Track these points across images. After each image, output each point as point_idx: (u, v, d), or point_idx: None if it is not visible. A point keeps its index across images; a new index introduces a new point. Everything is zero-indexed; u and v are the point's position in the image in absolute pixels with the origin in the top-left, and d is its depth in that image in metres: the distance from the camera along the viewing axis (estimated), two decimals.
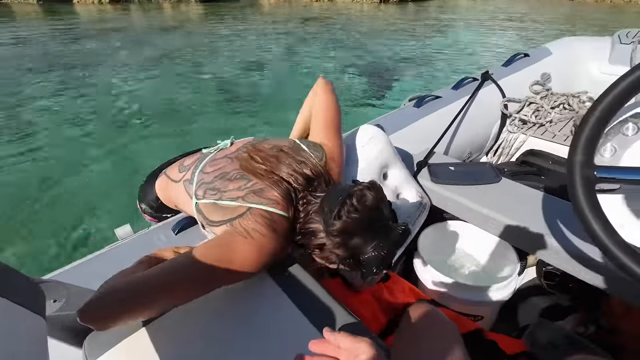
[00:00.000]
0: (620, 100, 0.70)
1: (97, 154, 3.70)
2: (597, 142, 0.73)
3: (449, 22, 12.44)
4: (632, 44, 1.82)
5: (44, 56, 7.26)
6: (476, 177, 1.17)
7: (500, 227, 1.05)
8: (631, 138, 0.89)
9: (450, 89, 1.68)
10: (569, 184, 0.71)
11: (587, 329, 1.04)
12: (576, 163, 0.71)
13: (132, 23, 11.47)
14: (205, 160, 0.89)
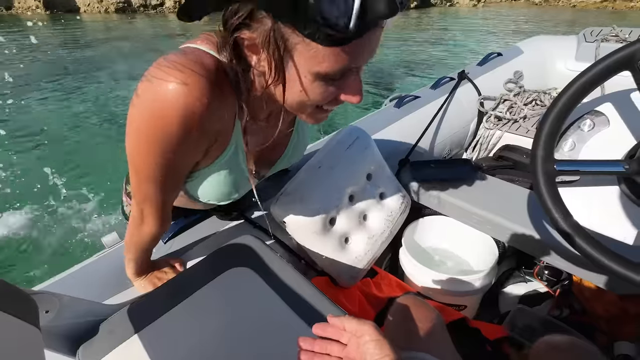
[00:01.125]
0: (574, 99, 0.77)
1: (100, 157, 3.79)
2: (556, 138, 0.79)
3: (449, 27, 12.72)
4: (596, 42, 1.92)
5: (50, 63, 7.31)
6: (455, 173, 1.23)
7: (479, 220, 1.11)
8: (588, 133, 0.97)
9: (429, 88, 1.74)
10: (533, 177, 0.78)
11: (561, 312, 1.11)
12: (538, 157, 0.78)
13: (137, 31, 11.54)
14: None
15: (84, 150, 3.97)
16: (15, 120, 4.72)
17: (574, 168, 0.80)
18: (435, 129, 1.56)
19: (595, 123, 0.95)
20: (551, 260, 0.99)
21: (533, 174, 0.78)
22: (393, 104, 1.60)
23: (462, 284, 1.09)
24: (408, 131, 1.47)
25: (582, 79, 0.76)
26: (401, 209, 1.19)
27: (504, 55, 2.03)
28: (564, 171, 0.78)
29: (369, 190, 1.12)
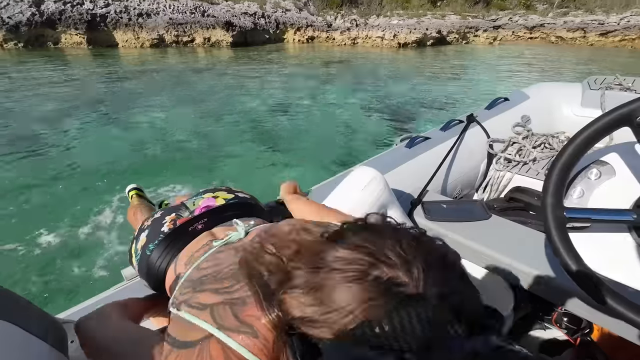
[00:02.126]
0: (579, 151, 0.81)
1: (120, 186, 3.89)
2: (564, 187, 0.81)
3: (465, 66, 13.12)
4: (601, 89, 2.01)
5: (90, 94, 7.86)
6: (468, 214, 1.22)
7: (493, 263, 1.09)
8: (595, 182, 0.99)
9: (439, 130, 1.79)
10: (544, 224, 0.79)
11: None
12: (548, 205, 0.79)
13: (169, 65, 12.26)
14: (208, 253, 0.70)
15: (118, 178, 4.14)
16: (58, 146, 5.04)
17: (584, 216, 0.82)
18: (446, 170, 1.58)
19: (601, 172, 0.97)
20: (570, 306, 0.96)
21: (544, 220, 0.80)
22: (404, 144, 1.63)
23: None
24: (419, 171, 1.49)
25: (585, 132, 0.79)
26: None
27: (511, 99, 2.11)
28: (574, 218, 0.80)
29: None
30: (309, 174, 4.33)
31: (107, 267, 2.71)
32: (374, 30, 20.04)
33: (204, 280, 0.57)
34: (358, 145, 5.20)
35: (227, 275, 0.55)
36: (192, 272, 0.65)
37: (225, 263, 0.60)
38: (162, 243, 0.83)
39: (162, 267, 0.81)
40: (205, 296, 0.53)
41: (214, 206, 0.91)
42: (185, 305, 0.54)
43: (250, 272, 0.50)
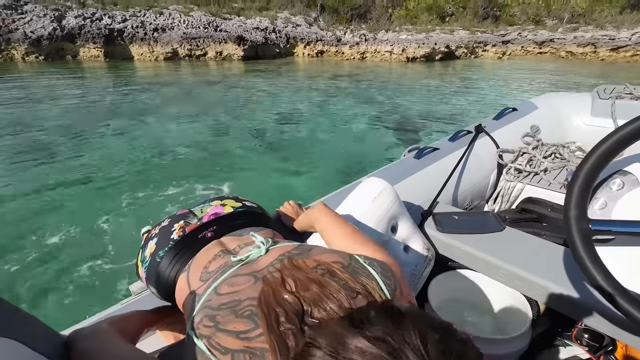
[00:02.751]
0: (603, 160, 0.77)
1: (147, 194, 4.12)
2: (588, 197, 0.78)
3: (473, 79, 13.15)
4: (610, 99, 1.98)
5: (106, 105, 8.24)
6: (481, 226, 1.19)
7: (508, 275, 1.05)
8: (618, 192, 0.95)
9: (447, 140, 1.77)
10: (568, 237, 0.75)
11: None
12: (572, 217, 0.76)
13: (182, 78, 12.74)
14: (227, 273, 0.67)
15: (132, 187, 4.27)
16: (75, 155, 5.24)
17: (610, 228, 0.78)
18: (456, 181, 1.55)
19: (624, 182, 0.94)
20: (591, 322, 0.92)
21: (567, 233, 0.76)
22: (412, 155, 1.62)
23: (495, 346, 1.01)
24: (429, 182, 1.47)
25: (609, 140, 0.76)
26: (426, 262, 1.15)
27: (519, 110, 2.09)
28: (600, 231, 0.76)
29: (394, 243, 1.09)
30: (316, 184, 4.34)
31: (115, 279, 2.72)
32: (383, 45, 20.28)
33: (225, 315, 0.56)
34: (365, 156, 5.22)
35: (246, 312, 0.55)
36: (211, 296, 0.62)
37: (244, 294, 0.59)
38: (172, 250, 0.82)
39: (172, 275, 0.80)
40: (227, 339, 0.53)
41: (222, 214, 0.90)
42: (206, 340, 0.54)
43: (268, 317, 0.50)
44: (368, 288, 0.55)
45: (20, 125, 6.42)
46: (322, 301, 0.51)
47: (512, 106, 2.13)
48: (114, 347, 0.60)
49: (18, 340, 0.44)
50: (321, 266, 0.58)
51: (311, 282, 0.53)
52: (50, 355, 0.49)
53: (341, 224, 0.82)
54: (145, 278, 0.86)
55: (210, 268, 0.73)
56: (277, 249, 0.71)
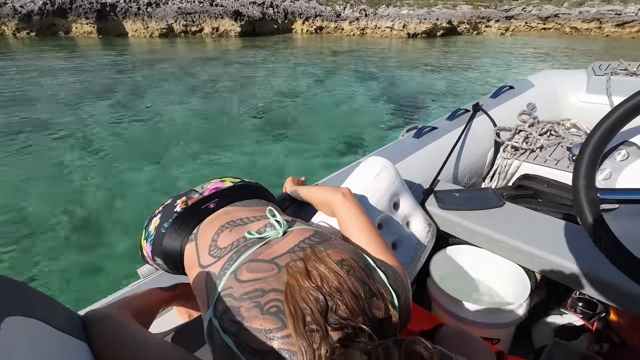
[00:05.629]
0: (612, 131, 0.79)
1: (142, 173, 4.09)
2: (596, 167, 0.80)
3: (474, 56, 12.86)
4: (606, 75, 1.98)
5: (100, 83, 8.07)
6: (481, 202, 1.23)
7: (508, 249, 1.10)
8: (622, 163, 0.98)
9: (445, 119, 1.78)
10: (576, 205, 0.78)
11: (601, 347, 1.07)
12: (581, 187, 0.78)
13: (178, 55, 12.44)
14: (244, 255, 0.66)
15: (127, 167, 4.25)
16: (67, 133, 5.19)
17: (617, 196, 0.80)
18: (455, 159, 1.58)
19: (629, 153, 0.96)
20: (586, 290, 0.97)
21: (576, 202, 0.79)
22: (411, 134, 1.64)
23: (495, 316, 1.06)
24: (428, 161, 1.50)
25: (617, 112, 0.78)
26: (428, 237, 1.19)
27: (516, 88, 2.10)
28: (608, 199, 0.79)
29: (396, 219, 1.13)
30: (316, 163, 4.35)
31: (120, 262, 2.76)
32: (383, 20, 19.78)
33: (250, 309, 0.56)
34: (365, 134, 5.21)
35: (273, 309, 0.55)
36: (231, 282, 0.61)
37: (268, 284, 0.58)
38: (176, 221, 0.84)
39: (178, 244, 0.81)
40: (255, 339, 0.53)
41: (223, 187, 0.92)
42: (234, 338, 0.54)
43: (296, 318, 0.51)
44: (382, 292, 0.59)
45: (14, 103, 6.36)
46: (345, 300, 0.53)
47: (509, 84, 2.14)
48: (130, 331, 0.61)
49: (41, 320, 0.44)
50: (345, 262, 0.60)
51: (336, 278, 0.55)
52: (71, 334, 0.51)
53: (364, 219, 0.81)
54: (151, 252, 0.87)
55: (221, 243, 0.73)
56: (295, 233, 0.71)
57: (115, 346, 0.55)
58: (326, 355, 0.48)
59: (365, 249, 0.72)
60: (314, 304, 0.52)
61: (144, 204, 3.46)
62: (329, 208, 0.91)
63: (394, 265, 0.69)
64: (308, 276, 0.56)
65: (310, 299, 0.53)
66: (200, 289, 0.67)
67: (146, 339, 0.59)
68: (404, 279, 0.67)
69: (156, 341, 0.60)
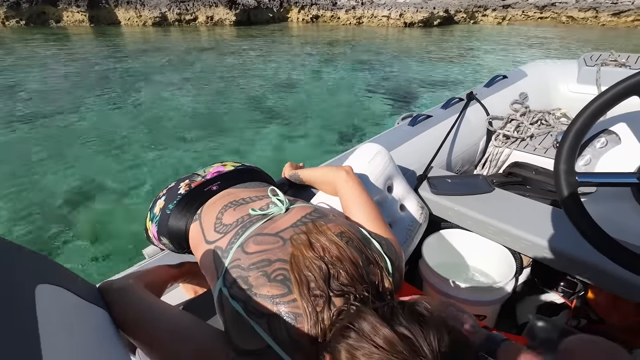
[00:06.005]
0: (591, 119, 0.85)
1: (138, 161, 4.11)
2: (576, 154, 0.86)
3: (470, 46, 12.79)
4: (596, 66, 2.03)
5: (92, 73, 7.94)
6: (472, 188, 1.29)
7: (496, 232, 1.16)
8: (601, 150, 1.04)
9: (440, 108, 1.83)
10: (557, 188, 0.84)
11: (579, 322, 1.14)
12: (561, 171, 0.84)
13: (172, 44, 12.23)
14: (250, 230, 0.69)
15: (124, 155, 4.26)
16: (60, 124, 5.13)
17: (593, 180, 0.86)
18: (449, 147, 1.63)
19: (608, 140, 1.02)
20: (568, 270, 1.04)
21: (557, 185, 0.85)
22: (407, 122, 1.68)
23: (482, 294, 1.13)
24: (423, 148, 1.55)
25: (597, 102, 0.83)
26: (421, 220, 1.25)
27: (509, 77, 2.14)
28: (585, 182, 0.85)
29: (391, 201, 1.18)
30: (312, 151, 4.39)
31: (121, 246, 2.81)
32: (380, 9, 19.57)
33: (257, 277, 0.59)
34: (361, 122, 5.24)
35: (279, 277, 0.59)
36: (239, 254, 0.65)
37: (274, 255, 0.62)
38: (180, 202, 0.87)
39: (183, 224, 0.85)
40: (262, 304, 0.57)
41: (225, 171, 0.96)
42: (242, 304, 0.58)
43: (301, 284, 0.56)
44: (378, 260, 0.65)
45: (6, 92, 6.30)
46: (346, 268, 0.58)
47: (503, 73, 2.18)
48: (146, 300, 0.64)
49: (66, 288, 0.47)
50: (344, 234, 0.65)
51: (336, 248, 0.60)
52: (93, 302, 0.54)
53: (365, 196, 0.86)
54: (157, 233, 0.91)
55: (225, 220, 0.76)
56: (297, 209, 0.75)
57: (134, 313, 0.59)
58: (330, 317, 0.54)
59: (364, 223, 0.78)
60: (318, 272, 0.57)
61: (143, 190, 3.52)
62: (331, 186, 0.96)
63: (389, 237, 0.75)
64: (311, 247, 0.61)
65: (313, 267, 0.58)
66: (208, 262, 0.71)
67: (163, 307, 0.63)
68: (397, 248, 0.73)
69: (173, 310, 0.64)
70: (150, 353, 0.58)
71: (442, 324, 0.48)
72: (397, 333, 0.46)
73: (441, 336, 0.46)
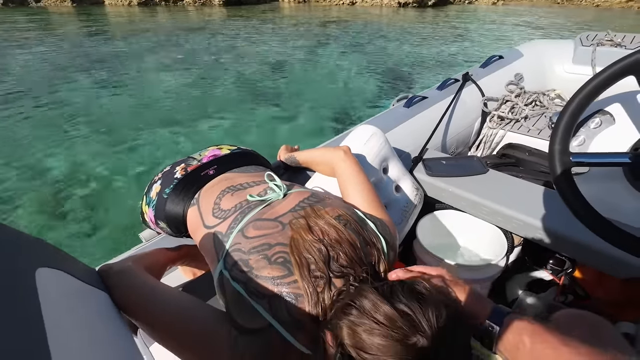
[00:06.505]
0: (586, 100, 0.86)
1: (128, 144, 4.05)
2: (570, 134, 0.87)
3: (465, 27, 12.58)
4: (592, 46, 2.02)
5: (76, 55, 7.68)
6: (466, 169, 1.30)
7: (489, 213, 1.18)
8: (595, 130, 1.05)
9: (435, 89, 1.82)
10: (551, 168, 0.86)
11: (566, 298, 1.19)
12: (556, 151, 0.85)
13: (158, 24, 11.93)
14: (249, 215, 0.70)
15: (113, 137, 4.20)
16: (46, 106, 5.03)
17: (587, 160, 0.88)
18: (444, 129, 1.64)
19: (602, 121, 1.03)
20: (557, 248, 1.07)
21: (551, 165, 0.86)
22: (402, 104, 1.68)
23: (474, 272, 1.16)
24: (418, 130, 1.55)
25: (592, 83, 0.84)
26: (416, 201, 1.26)
27: (505, 57, 2.13)
28: (579, 162, 0.86)
29: (386, 183, 1.19)
30: (306, 134, 4.36)
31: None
32: None
33: (258, 260, 0.61)
34: (356, 104, 5.20)
35: (279, 259, 0.60)
36: (239, 238, 0.66)
37: (274, 239, 0.63)
38: (177, 186, 0.87)
39: (180, 208, 0.85)
40: (263, 285, 0.58)
41: (221, 155, 0.96)
42: (244, 285, 0.59)
43: (301, 265, 0.58)
44: (374, 240, 0.66)
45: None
46: (345, 249, 0.60)
47: (499, 53, 2.17)
48: (147, 282, 0.64)
49: (65, 271, 0.46)
50: (342, 217, 0.66)
51: (335, 231, 0.62)
52: (93, 285, 0.54)
53: (362, 176, 0.87)
54: (154, 217, 0.91)
55: (224, 205, 0.76)
56: (294, 194, 0.76)
57: (136, 296, 0.60)
58: (330, 297, 0.56)
59: (361, 203, 0.79)
60: (317, 254, 0.59)
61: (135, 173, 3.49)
62: (329, 166, 0.96)
63: (384, 218, 0.76)
64: (310, 231, 0.62)
65: (313, 250, 0.59)
66: (209, 246, 0.71)
67: (164, 289, 0.64)
68: (392, 229, 0.75)
69: (174, 291, 0.65)
70: (153, 333, 0.59)
71: (440, 301, 0.50)
72: (397, 310, 0.47)
73: (439, 312, 0.48)
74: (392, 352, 0.45)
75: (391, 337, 0.46)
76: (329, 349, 0.52)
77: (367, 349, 0.46)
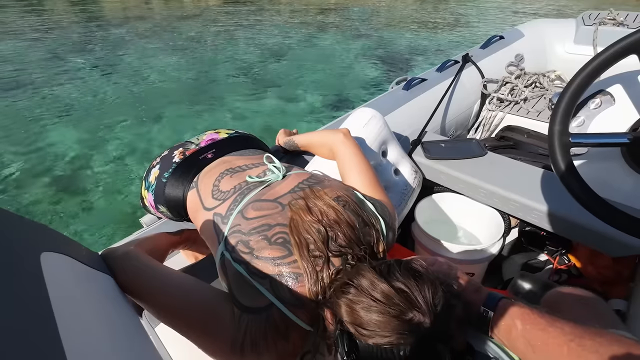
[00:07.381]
0: (588, 80, 0.85)
1: (125, 130, 4.01)
2: (570, 115, 0.87)
3: (468, 11, 12.32)
4: (594, 25, 1.99)
5: (69, 42, 7.42)
6: (465, 152, 1.30)
7: (487, 195, 1.19)
8: (595, 111, 1.05)
9: (435, 71, 1.80)
10: (550, 148, 0.86)
11: (560, 277, 1.22)
12: (555, 132, 0.85)
13: (154, 10, 11.60)
14: (249, 196, 0.71)
15: (107, 126, 4.12)
16: (39, 94, 4.91)
17: (586, 140, 0.88)
18: (443, 111, 1.63)
19: (602, 102, 1.03)
20: (554, 229, 1.08)
21: (550, 145, 0.86)
22: (401, 86, 1.66)
23: (471, 254, 1.18)
24: (417, 113, 1.54)
25: (593, 63, 0.83)
26: (415, 184, 1.27)
27: (506, 38, 2.10)
28: (578, 143, 0.86)
29: (385, 166, 1.20)
30: (305, 118, 4.34)
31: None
32: None
33: (258, 241, 0.62)
34: (355, 88, 5.14)
35: (279, 240, 0.62)
36: (239, 220, 0.67)
37: (274, 219, 0.65)
38: (176, 170, 0.88)
39: (180, 191, 0.86)
40: (264, 265, 0.59)
41: (219, 138, 0.96)
42: (245, 266, 0.60)
43: (301, 246, 0.59)
44: (373, 221, 0.67)
45: None
46: (343, 230, 0.61)
47: (499, 34, 2.13)
48: (151, 266, 0.65)
49: (69, 255, 0.47)
50: (340, 198, 0.67)
51: (334, 212, 0.62)
52: (97, 269, 0.55)
53: (362, 157, 0.87)
54: (154, 201, 0.91)
55: (223, 187, 0.77)
56: (293, 176, 0.77)
57: (141, 280, 0.61)
58: (329, 276, 0.57)
59: (360, 185, 0.80)
60: (316, 234, 0.60)
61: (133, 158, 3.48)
62: (328, 149, 0.96)
63: (383, 200, 0.77)
64: (309, 212, 0.63)
65: (312, 230, 0.60)
66: (209, 228, 0.72)
67: (168, 272, 0.65)
68: (390, 209, 0.76)
69: (178, 274, 0.66)
70: (158, 315, 0.60)
71: (436, 279, 0.51)
72: (394, 287, 0.49)
73: (435, 290, 0.49)
74: (389, 327, 0.47)
75: (388, 313, 0.47)
76: (328, 326, 0.54)
77: (365, 325, 0.48)
